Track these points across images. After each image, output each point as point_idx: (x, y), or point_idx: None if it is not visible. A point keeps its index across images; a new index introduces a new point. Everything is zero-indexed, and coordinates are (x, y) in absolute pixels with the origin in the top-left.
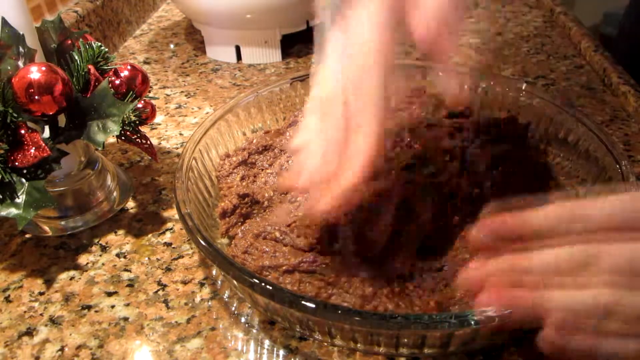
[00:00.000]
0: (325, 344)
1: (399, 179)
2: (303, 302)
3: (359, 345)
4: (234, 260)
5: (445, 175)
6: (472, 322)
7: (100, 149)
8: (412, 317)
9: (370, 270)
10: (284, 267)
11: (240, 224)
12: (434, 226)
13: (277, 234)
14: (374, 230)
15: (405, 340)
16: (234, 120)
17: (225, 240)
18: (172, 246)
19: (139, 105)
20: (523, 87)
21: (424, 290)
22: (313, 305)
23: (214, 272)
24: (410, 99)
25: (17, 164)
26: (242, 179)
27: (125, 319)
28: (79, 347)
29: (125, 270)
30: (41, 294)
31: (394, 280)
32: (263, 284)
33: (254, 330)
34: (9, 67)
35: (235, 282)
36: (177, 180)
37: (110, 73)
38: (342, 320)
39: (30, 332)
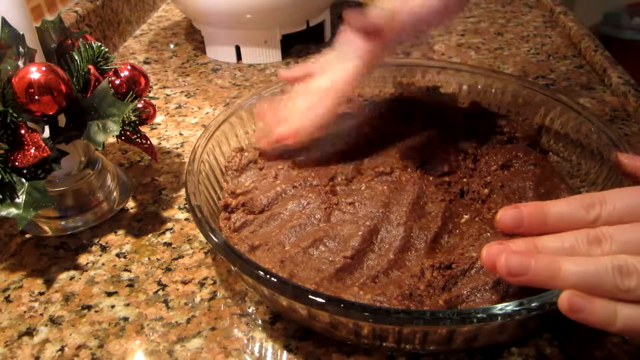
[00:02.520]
0: (335, 338)
1: (412, 177)
2: (310, 297)
3: (363, 340)
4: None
5: (457, 175)
6: (475, 320)
7: (100, 149)
8: (414, 312)
9: (382, 268)
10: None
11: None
12: (443, 224)
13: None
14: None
15: (407, 336)
16: (247, 116)
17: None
18: (172, 246)
19: (139, 105)
20: (533, 87)
21: (434, 289)
22: (322, 300)
23: (216, 271)
24: (421, 98)
25: (17, 164)
26: (246, 175)
27: (125, 319)
28: (79, 347)
29: (125, 270)
30: (41, 294)
31: (406, 280)
32: (268, 276)
33: (254, 330)
34: (9, 67)
35: (243, 274)
36: (189, 173)
37: (110, 73)
38: (346, 314)
39: (30, 332)
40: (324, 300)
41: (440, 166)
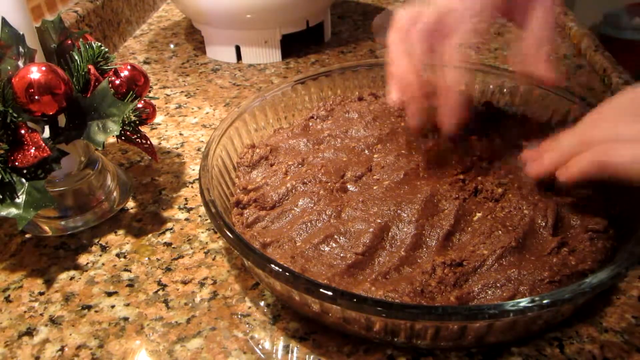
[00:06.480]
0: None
1: (425, 175)
2: (322, 290)
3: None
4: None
5: (472, 173)
6: (487, 316)
7: (100, 149)
8: (425, 308)
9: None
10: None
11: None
12: (456, 222)
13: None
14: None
15: (419, 331)
16: (258, 113)
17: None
18: (172, 246)
19: (139, 105)
20: (544, 86)
21: (445, 286)
22: (330, 293)
23: (216, 271)
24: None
25: (17, 164)
26: (257, 171)
27: (125, 319)
28: (79, 347)
29: (125, 270)
30: (41, 294)
31: (417, 277)
32: (281, 270)
33: (254, 330)
34: (9, 67)
35: (255, 268)
36: (202, 169)
37: (110, 73)
38: (358, 308)
39: (30, 332)
40: (337, 295)
41: (453, 165)
